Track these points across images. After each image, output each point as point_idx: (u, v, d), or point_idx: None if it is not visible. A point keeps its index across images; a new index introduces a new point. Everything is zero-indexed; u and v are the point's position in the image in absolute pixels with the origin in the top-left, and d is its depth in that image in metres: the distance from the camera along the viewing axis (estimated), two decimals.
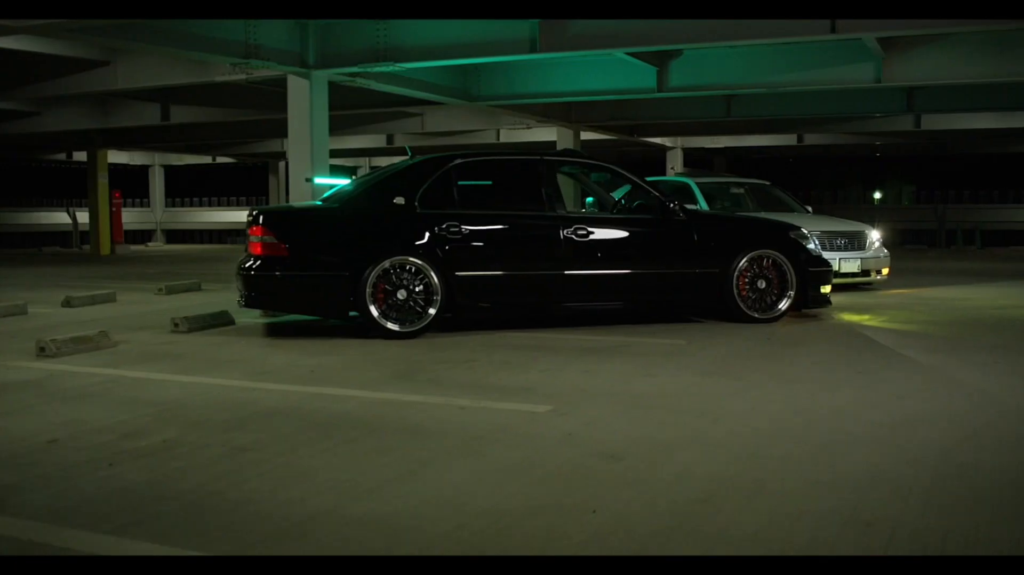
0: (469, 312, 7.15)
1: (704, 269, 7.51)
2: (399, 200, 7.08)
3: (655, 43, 9.75)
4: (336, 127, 20.52)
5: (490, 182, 7.52)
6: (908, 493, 3.28)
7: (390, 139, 24.36)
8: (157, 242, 29.91)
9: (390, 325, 6.90)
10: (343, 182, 8.89)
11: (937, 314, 8.37)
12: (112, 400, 5.01)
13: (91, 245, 22.53)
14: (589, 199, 8.34)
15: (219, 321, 7.84)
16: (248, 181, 33.42)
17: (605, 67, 13.19)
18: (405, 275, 6.96)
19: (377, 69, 10.43)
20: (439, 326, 7.25)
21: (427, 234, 7.02)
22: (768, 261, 7.67)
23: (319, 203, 7.55)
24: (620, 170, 7.75)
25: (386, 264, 6.90)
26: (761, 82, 12.86)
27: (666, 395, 4.98)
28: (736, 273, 7.56)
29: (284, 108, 16.39)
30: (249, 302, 7.01)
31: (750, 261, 7.60)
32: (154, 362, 6.16)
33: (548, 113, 17.27)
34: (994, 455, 3.77)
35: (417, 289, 6.97)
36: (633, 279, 7.40)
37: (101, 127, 17.78)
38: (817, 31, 8.87)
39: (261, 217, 6.96)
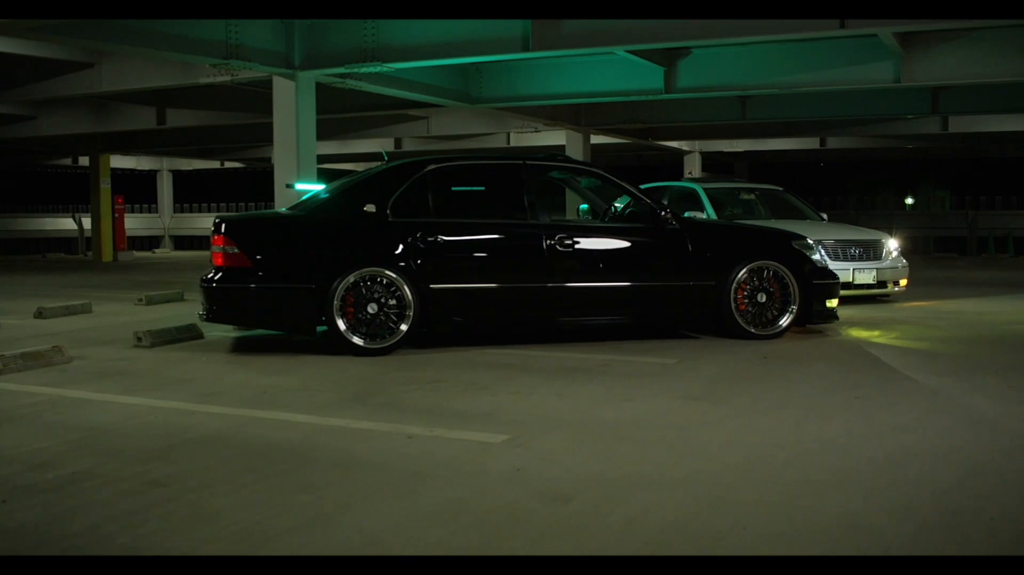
0: (444, 327, 6.82)
1: (699, 281, 7.13)
2: (370, 208, 6.76)
3: (653, 40, 9.38)
4: (340, 131, 20.45)
5: (468, 189, 7.19)
6: (886, 548, 2.90)
7: (398, 143, 24.14)
8: (164, 248, 29.86)
9: (358, 341, 6.59)
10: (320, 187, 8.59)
11: (954, 330, 7.93)
12: (37, 424, 4.72)
13: (93, 252, 22.46)
14: (583, 206, 7.97)
15: (186, 335, 7.56)
16: (257, 186, 33.35)
17: (610, 68, 12.84)
18: (376, 288, 6.64)
19: (365, 70, 10.14)
20: (416, 342, 6.93)
21: (399, 244, 6.70)
22: (769, 273, 7.28)
23: (285, 211, 7.26)
24: (608, 175, 7.39)
25: (355, 276, 6.59)
26: (774, 82, 12.45)
27: (639, 423, 4.62)
28: (734, 286, 7.17)
29: None
30: (211, 316, 6.72)
31: (749, 273, 7.22)
32: (101, 381, 5.88)
33: (556, 116, 16.94)
34: (994, 501, 3.37)
35: (389, 303, 6.65)
36: (622, 292, 7.04)
37: (96, 131, 17.64)
38: (825, 27, 8.48)
39: (223, 226, 6.67)
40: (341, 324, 6.57)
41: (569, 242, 6.90)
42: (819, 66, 11.89)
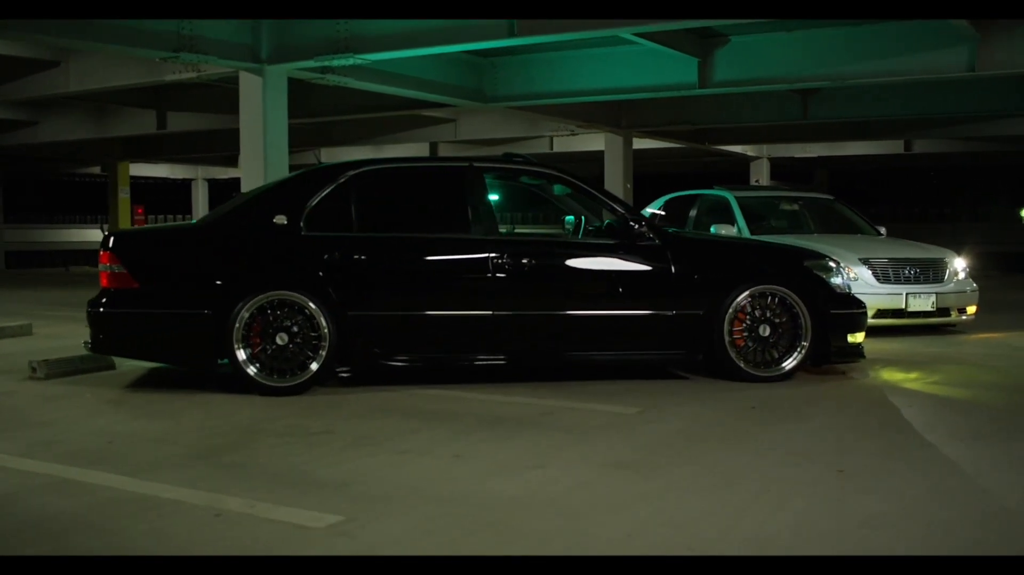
0: (365, 362, 6.03)
1: (684, 310, 6.16)
2: (280, 219, 6.01)
3: (670, 18, 8.40)
4: (367, 135, 19.88)
5: (401, 197, 6.37)
6: None
7: (433, 148, 23.57)
8: None
9: (263, 378, 5.83)
10: None
11: (1014, 374, 6.78)
12: None
13: None
14: (569, 218, 7.07)
15: (92, 365, 6.92)
16: None
17: (636, 60, 11.92)
18: (286, 315, 5.88)
19: (337, 62, 9.46)
20: (359, 378, 6.18)
21: (314, 263, 5.94)
22: (774, 300, 6.28)
23: (188, 224, 6.56)
24: (572, 179, 6.47)
25: (260, 301, 5.84)
26: (825, 74, 11.34)
27: (529, 503, 3.73)
28: (729, 316, 6.19)
29: (296, 113, 15.78)
30: (95, 346, 6.05)
31: (749, 300, 6.24)
32: None
33: (592, 117, 16.06)
34: None
35: (302, 333, 5.88)
36: (587, 323, 6.14)
37: (97, 137, 17.48)
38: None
39: (111, 241, 6.01)
40: (242, 357, 5.83)
41: (520, 261, 6.03)
42: (876, 54, 10.75)
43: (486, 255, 6.01)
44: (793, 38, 11.13)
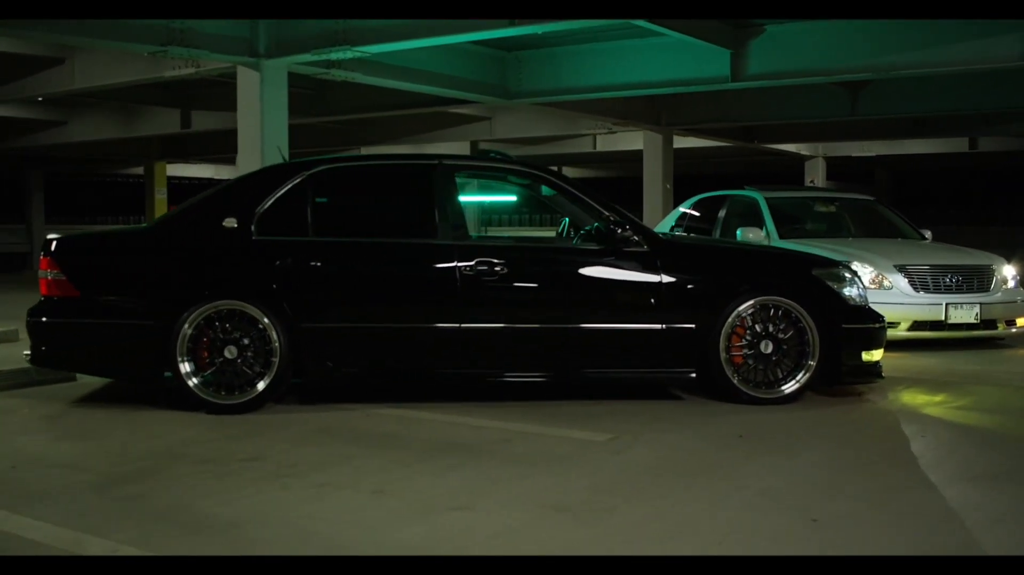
0: (320, 378, 5.59)
1: (674, 323, 5.59)
2: (230, 223, 5.59)
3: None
4: (404, 133, 19.48)
5: (363, 199, 5.91)
6: None
7: (473, 148, 23.17)
8: None
9: (208, 394, 5.43)
10: None
11: None
12: None
13: None
14: (565, 220, 6.53)
15: (50, 376, 6.56)
16: None
17: (664, 53, 11.33)
18: (235, 327, 5.47)
19: (336, 55, 9.05)
20: (325, 392, 5.76)
21: (266, 270, 5.51)
22: (777, 313, 5.67)
23: (132, 227, 6.18)
24: (551, 177, 5.93)
25: (207, 311, 5.44)
26: (869, 65, 10.57)
27: (428, 557, 3.23)
28: (726, 330, 5.60)
29: (316, 111, 15.51)
30: (35, 358, 5.69)
31: (750, 313, 5.64)
32: None
33: (628, 114, 15.45)
34: None
35: (258, 346, 5.46)
36: (561, 338, 5.60)
37: (125, 136, 17.41)
38: None
39: (52, 246, 5.65)
40: (185, 371, 5.43)
41: (491, 268, 5.52)
42: (924, 42, 9.98)
43: (453, 263, 5.52)
44: (834, 26, 10.41)
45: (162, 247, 5.68)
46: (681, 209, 11.15)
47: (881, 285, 8.14)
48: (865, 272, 8.17)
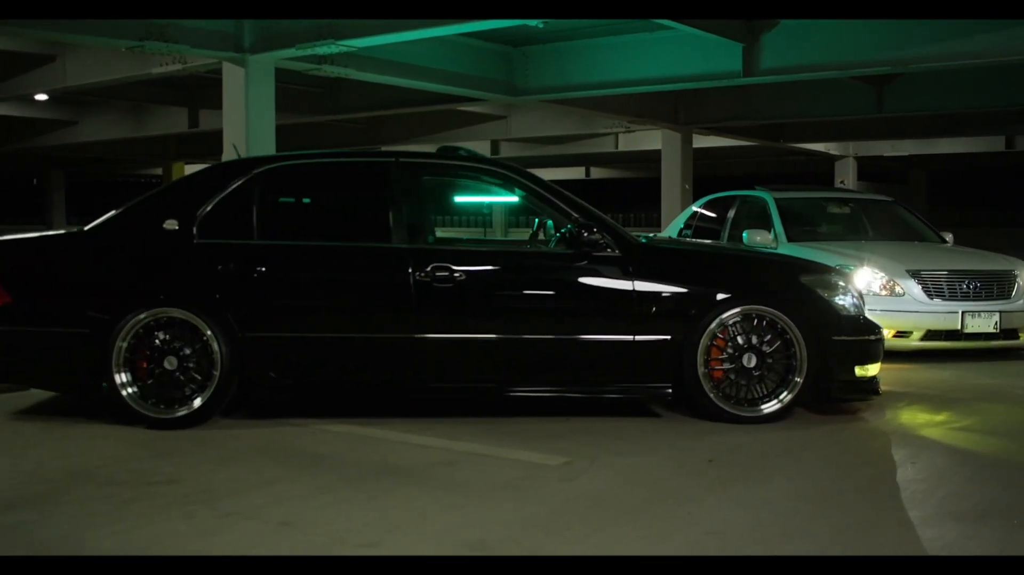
0: (263, 392, 5.23)
1: (647, 335, 5.15)
2: (171, 225, 5.25)
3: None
4: (420, 132, 19.13)
5: (313, 199, 5.55)
6: None
7: (495, 147, 22.84)
8: None
9: (144, 407, 5.09)
10: None
11: None
12: None
13: None
14: (549, 223, 6.05)
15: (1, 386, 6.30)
16: None
17: (672, 47, 10.95)
18: (176, 336, 5.13)
19: (321, 50, 8.75)
20: (275, 408, 5.39)
21: (208, 275, 5.16)
22: (762, 323, 5.22)
23: (71, 230, 5.86)
24: (515, 175, 5.49)
25: (146, 319, 5.10)
26: (889, 58, 10.11)
27: None
28: (704, 342, 5.16)
29: (325, 110, 15.24)
30: None
31: (732, 323, 5.19)
32: None
33: (643, 111, 14.99)
34: None
35: (200, 357, 5.12)
36: (523, 349, 5.19)
37: (135, 135, 17.27)
38: None
39: None
40: (120, 380, 5.09)
41: (448, 275, 5.12)
42: (948, 33, 9.45)
43: (407, 268, 5.12)
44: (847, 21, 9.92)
45: (99, 251, 5.35)
46: (693, 208, 10.71)
47: (892, 291, 7.63)
48: (876, 278, 7.67)
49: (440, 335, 5.15)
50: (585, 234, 5.16)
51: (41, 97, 14.76)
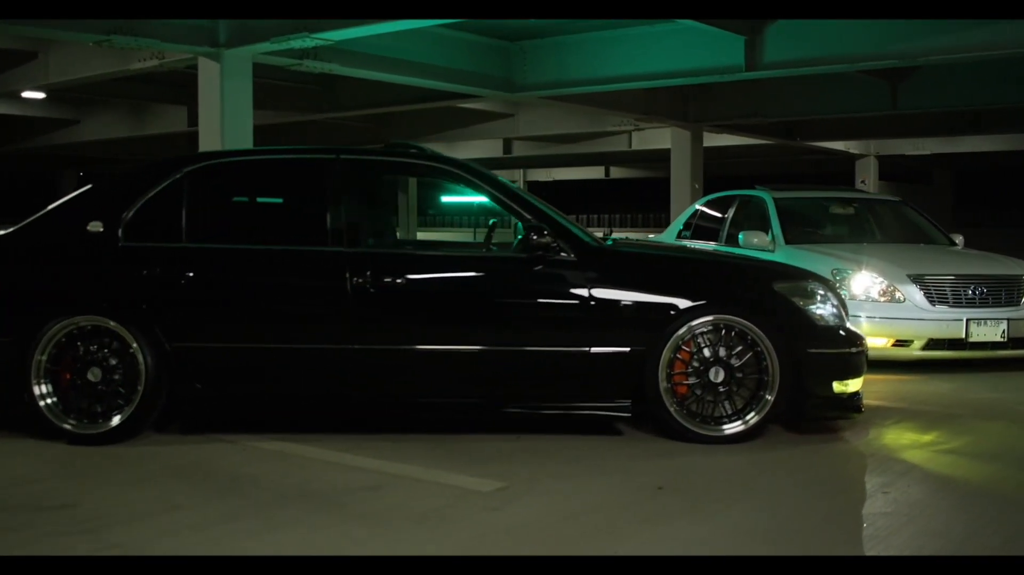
0: (187, 403, 4.88)
1: (603, 346, 4.74)
2: (95, 227, 4.91)
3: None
4: (433, 130, 18.74)
5: (247, 199, 5.20)
6: None
7: (507, 146, 22.49)
8: None
9: (64, 421, 4.76)
10: None
11: None
12: None
13: None
14: (519, 224, 5.64)
15: None
16: None
17: (671, 41, 10.51)
18: (99, 346, 4.80)
19: (296, 43, 8.40)
20: (208, 421, 5.04)
21: (132, 281, 4.82)
22: (730, 334, 4.80)
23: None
24: (465, 173, 5.08)
25: (67, 327, 4.78)
26: (896, 51, 9.59)
27: None
28: (667, 354, 4.75)
29: (321, 107, 14.93)
30: None
31: (699, 334, 4.77)
32: None
33: (651, 108, 14.53)
34: None
35: (124, 368, 4.78)
36: (470, 362, 4.79)
37: (135, 135, 17.05)
38: None
39: None
40: (39, 391, 4.77)
41: (390, 281, 4.75)
42: (955, 26, 8.94)
43: (344, 273, 4.76)
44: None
45: (20, 253, 5.03)
46: (695, 207, 10.31)
47: (892, 297, 7.17)
48: (875, 283, 7.21)
49: (379, 346, 4.77)
50: (535, 237, 4.76)
51: (39, 95, 14.57)
